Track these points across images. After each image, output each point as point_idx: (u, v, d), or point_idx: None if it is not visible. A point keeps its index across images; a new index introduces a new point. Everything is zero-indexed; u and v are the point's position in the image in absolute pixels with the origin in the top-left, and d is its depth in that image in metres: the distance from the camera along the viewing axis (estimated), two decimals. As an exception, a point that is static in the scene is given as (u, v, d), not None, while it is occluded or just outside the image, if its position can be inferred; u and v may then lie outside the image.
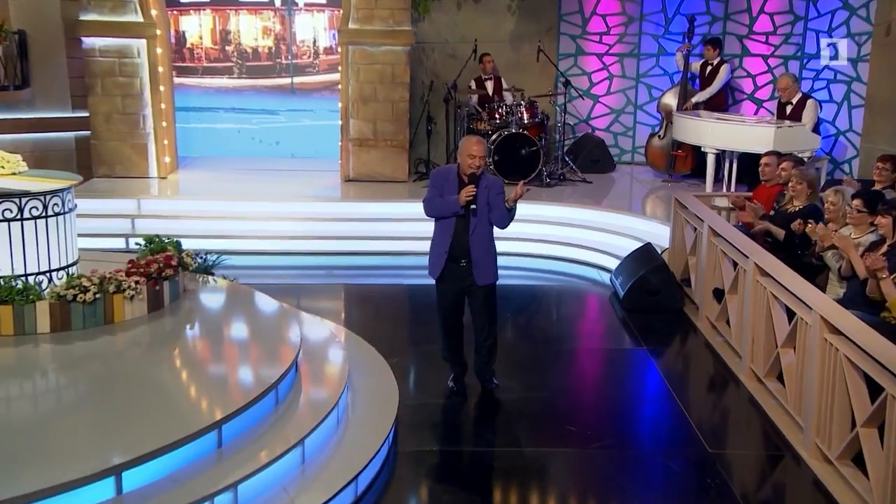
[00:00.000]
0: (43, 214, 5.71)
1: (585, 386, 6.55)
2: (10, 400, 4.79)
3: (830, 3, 10.75)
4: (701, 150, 10.54)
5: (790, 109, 9.60)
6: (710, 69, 11.01)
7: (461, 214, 5.69)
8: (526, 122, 10.74)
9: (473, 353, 6.04)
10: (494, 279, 5.85)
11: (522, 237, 9.28)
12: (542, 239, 9.52)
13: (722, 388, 6.46)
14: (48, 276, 5.78)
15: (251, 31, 12.28)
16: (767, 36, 11.58)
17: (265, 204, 10.03)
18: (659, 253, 8.25)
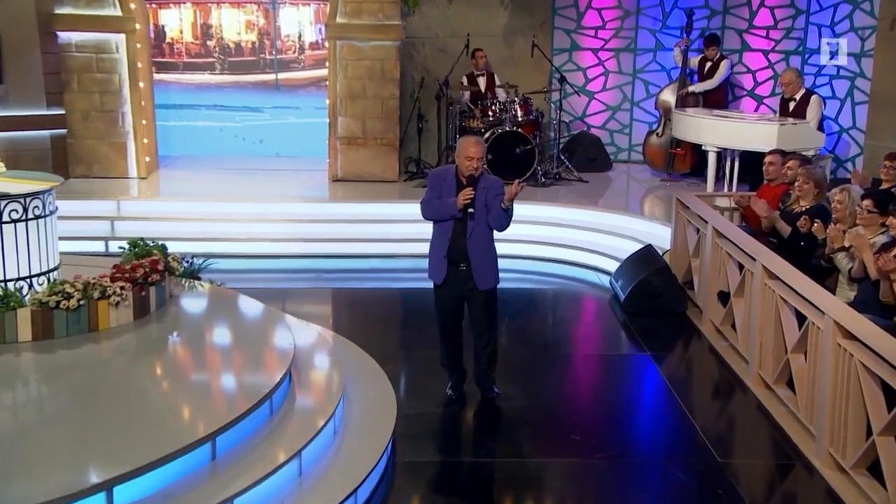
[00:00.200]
0: (23, 217, 5.65)
1: (588, 393, 6.54)
2: (-9, 412, 4.74)
3: (833, -4, 10.83)
4: (700, 148, 10.59)
5: (793, 106, 9.63)
6: (709, 65, 11.04)
7: (459, 218, 5.68)
8: (520, 119, 10.73)
9: (473, 359, 6.03)
10: (495, 283, 5.84)
11: (517, 238, 9.25)
12: (537, 240, 9.51)
13: (728, 394, 6.47)
14: (28, 281, 5.72)
15: (234, 25, 12.23)
16: (768, 30, 11.63)
17: (250, 205, 9.98)
18: (660, 255, 8.26)
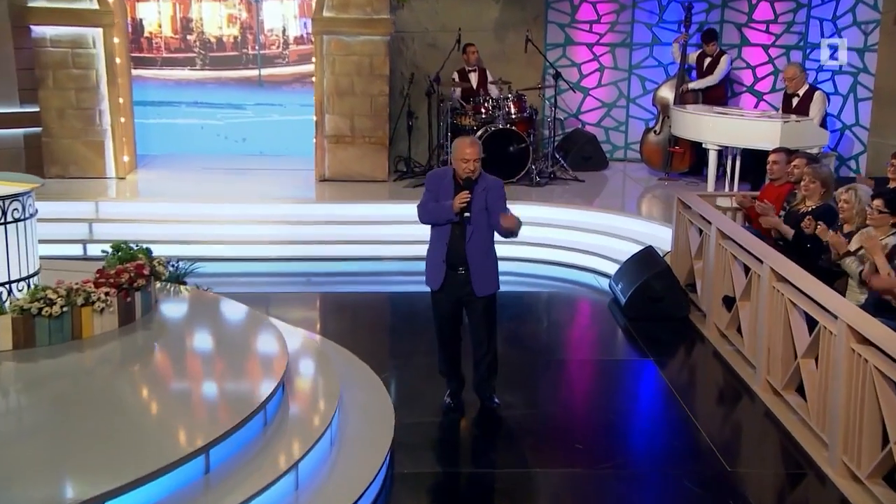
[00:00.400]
0: (2, 220, 5.59)
1: (590, 400, 6.53)
2: (-28, 424, 4.68)
3: (835, -11, 10.88)
4: (699, 146, 10.60)
5: (796, 102, 9.66)
6: (709, 61, 11.07)
7: (456, 221, 5.66)
8: (514, 116, 10.73)
9: (472, 367, 6.01)
10: (495, 289, 5.81)
11: (512, 240, 9.23)
12: (533, 242, 9.48)
13: (735, 401, 6.48)
14: (8, 287, 5.66)
15: (215, 18, 12.18)
16: (768, 24, 11.68)
17: (234, 206, 9.94)
18: (661, 257, 8.27)
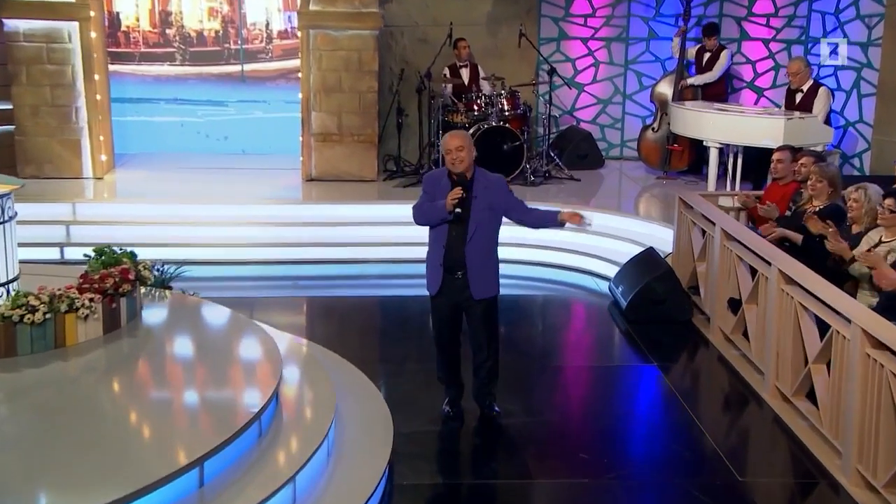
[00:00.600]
0: (-19, 223, 5.55)
1: (594, 407, 6.52)
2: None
3: (838, -19, 10.93)
4: (698, 144, 10.64)
5: (800, 98, 9.69)
6: (708, 56, 11.10)
7: (450, 221, 5.65)
8: (507, 113, 10.73)
9: (472, 373, 6.00)
10: (494, 293, 5.81)
11: (507, 242, 9.15)
12: (529, 243, 9.45)
13: (742, 407, 6.50)
14: (-13, 293, 5.62)
15: (195, 12, 12.12)
16: (768, 18, 11.72)
17: (217, 207, 9.91)
18: (663, 258, 8.28)
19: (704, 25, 11.23)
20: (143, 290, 6.28)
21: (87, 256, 6.32)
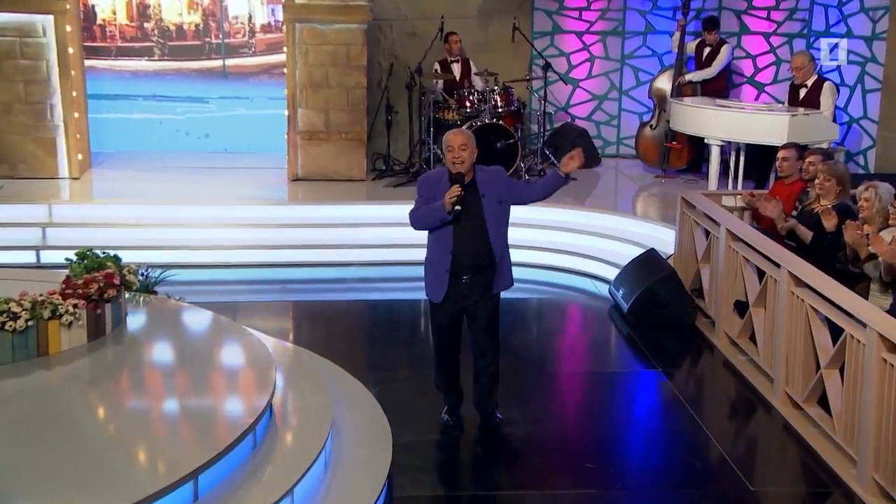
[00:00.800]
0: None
1: (598, 415, 6.51)
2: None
3: (841, -27, 10.97)
4: (697, 141, 10.67)
5: (804, 93, 9.72)
6: (708, 50, 11.12)
7: (450, 221, 5.63)
8: (500, 110, 10.72)
9: (472, 380, 5.98)
10: (511, 284, 5.91)
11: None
12: (524, 245, 9.43)
13: (750, 414, 6.51)
14: (-35, 300, 5.55)
15: (174, 4, 12.04)
16: (769, 11, 11.75)
17: (199, 208, 9.86)
18: (665, 260, 8.29)
19: (704, 19, 11.24)
20: (127, 295, 6.24)
21: (68, 261, 6.27)
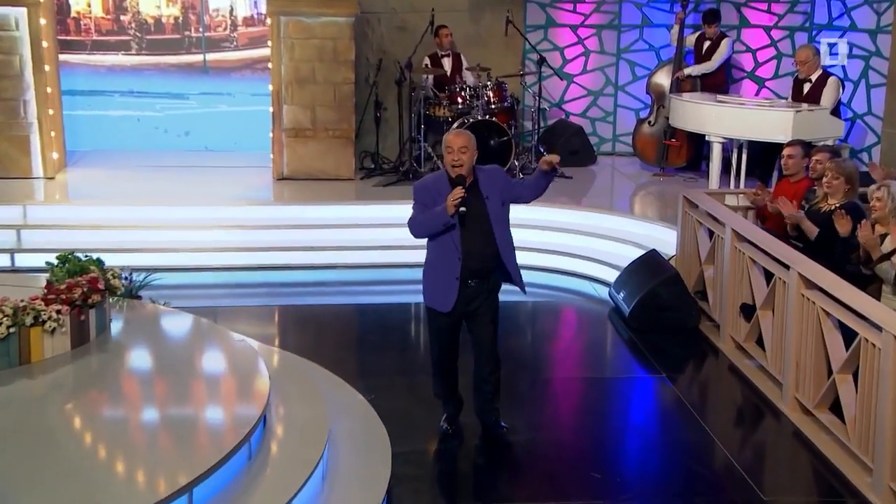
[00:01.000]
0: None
1: (603, 422, 6.50)
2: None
3: (844, -36, 11.02)
4: (696, 138, 10.70)
5: (808, 88, 9.74)
6: (708, 44, 11.14)
7: (453, 224, 5.61)
8: (493, 106, 10.72)
9: (472, 388, 5.96)
10: (521, 288, 5.99)
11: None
12: (519, 246, 9.43)
13: (759, 420, 6.52)
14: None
15: (153, -4, 12.03)
16: (770, 3, 11.78)
17: (180, 209, 9.82)
18: (667, 261, 8.30)
19: (705, 11, 11.26)
20: (111, 300, 6.21)
21: (49, 265, 6.23)
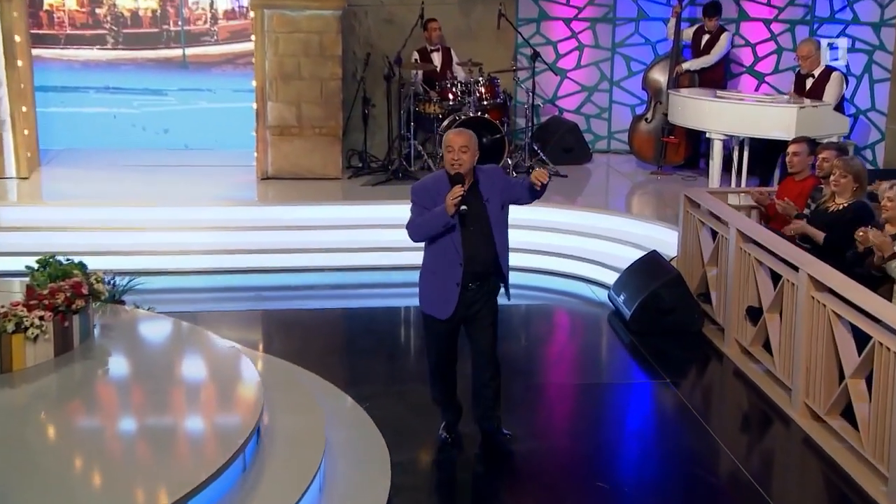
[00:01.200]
0: None
1: (607, 430, 6.52)
2: None
3: (846, -45, 11.05)
4: (695, 135, 10.72)
5: (811, 83, 9.78)
6: (707, 38, 11.17)
7: (454, 225, 5.60)
8: (486, 103, 10.73)
9: (472, 395, 5.95)
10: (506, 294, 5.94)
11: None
12: (514, 247, 9.44)
13: (767, 427, 6.54)
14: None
15: (129, -12, 11.99)
16: (770, -4, 11.83)
17: (160, 210, 9.81)
18: (668, 262, 8.31)
19: (706, 4, 11.25)
20: (94, 305, 6.17)
21: (29, 269, 6.20)
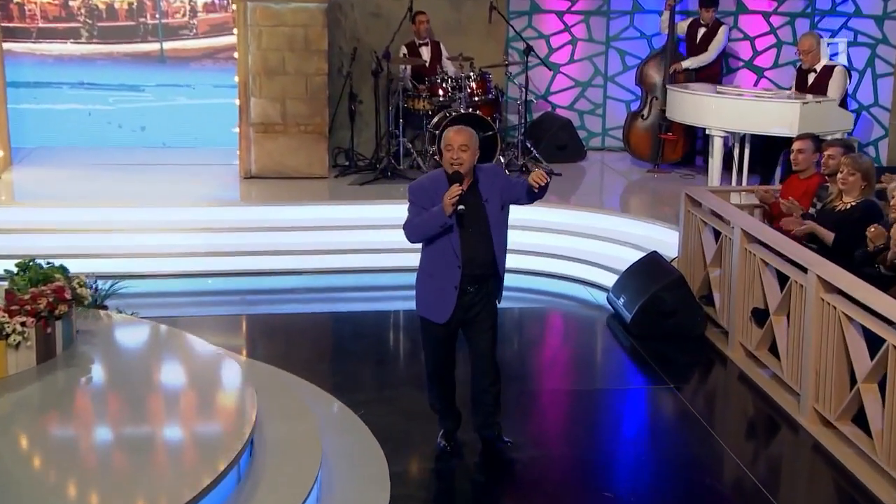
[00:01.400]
0: None
1: (610, 437, 6.54)
2: None
3: (848, -55, 11.11)
4: (692, 132, 10.76)
5: (813, 78, 9.82)
6: (704, 31, 11.20)
7: (450, 225, 5.59)
8: (477, 99, 10.73)
9: (471, 402, 5.95)
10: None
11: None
12: (508, 248, 9.46)
13: (774, 433, 6.56)
14: None
15: (104, -19, 11.96)
16: (769, -12, 11.89)
17: (138, 211, 9.79)
18: (670, 263, 8.33)
19: (702, -4, 11.32)
20: (77, 310, 6.14)
21: (8, 273, 6.17)
